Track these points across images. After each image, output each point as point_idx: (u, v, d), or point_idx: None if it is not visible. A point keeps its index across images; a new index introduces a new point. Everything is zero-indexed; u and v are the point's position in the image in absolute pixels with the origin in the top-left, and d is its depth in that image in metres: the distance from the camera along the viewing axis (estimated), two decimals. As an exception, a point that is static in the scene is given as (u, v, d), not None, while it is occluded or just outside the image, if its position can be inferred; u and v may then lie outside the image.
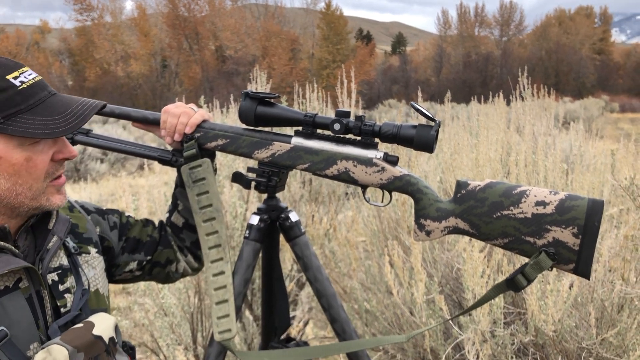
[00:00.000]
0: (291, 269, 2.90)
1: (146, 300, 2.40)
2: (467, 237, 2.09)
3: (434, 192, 1.21)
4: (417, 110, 1.14)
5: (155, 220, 1.37)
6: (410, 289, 2.16)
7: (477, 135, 3.46)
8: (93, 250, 1.14)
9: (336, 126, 1.22)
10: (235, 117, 3.16)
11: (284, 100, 3.30)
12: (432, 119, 1.15)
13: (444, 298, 1.95)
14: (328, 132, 1.26)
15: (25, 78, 0.93)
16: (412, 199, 1.22)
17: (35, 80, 0.95)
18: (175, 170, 1.35)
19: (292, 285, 2.89)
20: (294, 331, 2.88)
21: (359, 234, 2.83)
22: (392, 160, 1.23)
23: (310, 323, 3.16)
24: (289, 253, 2.76)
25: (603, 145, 4.61)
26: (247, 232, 1.45)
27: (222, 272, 1.28)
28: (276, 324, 1.56)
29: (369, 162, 1.22)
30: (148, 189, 4.28)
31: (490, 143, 2.85)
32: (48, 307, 0.97)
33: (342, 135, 1.25)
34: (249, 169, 1.34)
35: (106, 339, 0.96)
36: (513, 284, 1.14)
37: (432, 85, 48.44)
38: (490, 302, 1.91)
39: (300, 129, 1.27)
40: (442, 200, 1.20)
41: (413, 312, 2.19)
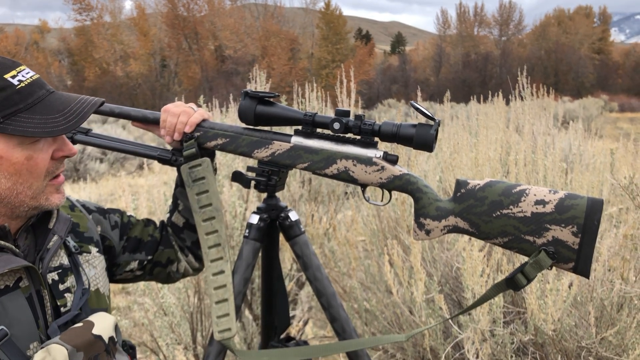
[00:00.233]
0: (291, 268, 2.90)
1: (146, 300, 2.40)
2: (467, 236, 2.09)
3: (433, 191, 1.21)
4: (417, 109, 1.14)
5: (155, 221, 1.37)
6: (409, 288, 2.16)
7: (477, 134, 3.47)
8: (94, 249, 1.14)
9: (336, 125, 1.22)
10: (234, 117, 3.16)
11: (283, 100, 3.30)
12: (432, 118, 1.15)
13: (443, 297, 1.95)
14: (328, 132, 1.26)
15: (23, 77, 0.93)
16: (412, 198, 1.22)
17: (33, 78, 0.95)
18: (175, 170, 1.35)
19: (292, 285, 2.89)
20: (293, 330, 2.88)
21: (359, 234, 2.83)
22: (392, 160, 1.23)
23: (310, 322, 3.16)
24: (288, 252, 2.76)
25: (602, 145, 4.61)
26: (247, 231, 1.45)
27: (222, 271, 1.28)
28: (276, 323, 1.56)
29: (368, 161, 1.22)
30: (147, 188, 4.28)
31: (490, 142, 2.85)
32: (48, 307, 0.97)
33: (342, 135, 1.25)
34: (249, 168, 1.34)
35: (106, 338, 0.96)
36: (513, 283, 1.14)
37: (432, 84, 48.42)
38: (490, 302, 1.91)
39: (300, 128, 1.28)
40: (442, 199, 1.20)
41: (413, 312, 2.19)
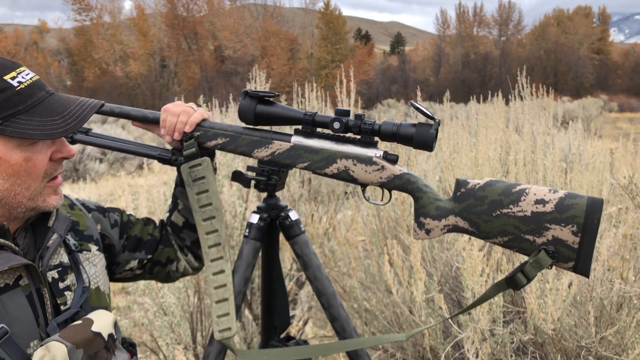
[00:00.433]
0: (291, 268, 2.90)
1: (145, 300, 2.40)
2: (467, 236, 2.09)
3: (433, 191, 1.21)
4: (417, 108, 1.14)
5: (155, 220, 1.37)
6: (409, 287, 2.16)
7: (476, 134, 3.47)
8: (94, 247, 1.14)
9: (336, 125, 1.22)
10: (234, 117, 3.16)
11: (283, 100, 3.30)
12: (432, 118, 1.15)
13: (443, 297, 1.95)
14: (328, 131, 1.26)
15: (23, 78, 0.93)
16: (412, 198, 1.22)
17: (33, 80, 0.94)
18: (175, 170, 1.35)
19: (292, 284, 2.89)
20: (293, 330, 2.88)
21: (359, 233, 2.83)
22: (392, 159, 1.23)
23: (309, 322, 3.16)
24: (288, 252, 2.76)
25: (602, 145, 4.62)
26: (247, 231, 1.45)
27: (222, 271, 1.28)
28: (276, 323, 1.56)
29: (368, 161, 1.22)
30: (147, 188, 4.27)
31: (489, 142, 2.85)
32: (48, 305, 0.97)
33: (342, 134, 1.25)
34: (249, 168, 1.34)
35: (105, 336, 0.97)
36: (513, 282, 1.14)
37: (431, 85, 48.41)
38: (490, 301, 1.91)
39: (300, 127, 1.28)
40: (442, 198, 1.20)
41: (412, 311, 2.19)
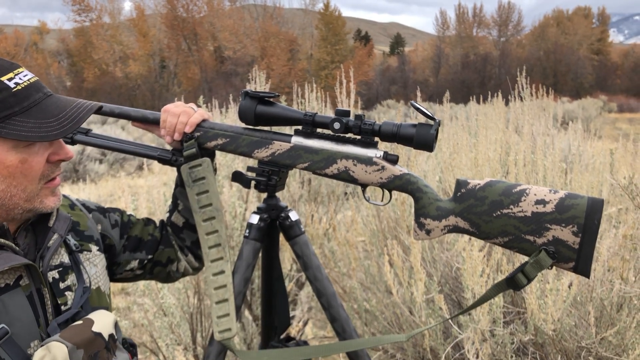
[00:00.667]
0: (291, 268, 2.90)
1: (145, 301, 2.40)
2: (467, 236, 2.09)
3: (433, 191, 1.21)
4: (417, 109, 1.14)
5: (155, 220, 1.37)
6: (409, 288, 2.16)
7: (476, 135, 3.47)
8: (94, 247, 1.14)
9: (336, 125, 1.22)
10: (234, 118, 3.16)
11: (283, 101, 3.30)
12: (432, 118, 1.15)
13: (443, 297, 1.95)
14: (328, 131, 1.26)
15: (20, 79, 0.93)
16: (412, 198, 1.22)
17: (30, 81, 0.94)
18: (175, 171, 1.35)
19: (292, 285, 2.89)
20: (293, 331, 2.88)
21: (359, 234, 2.83)
22: (392, 159, 1.23)
23: (309, 323, 3.16)
24: (288, 253, 2.76)
25: (601, 145, 4.62)
26: (247, 232, 1.45)
27: (222, 272, 1.28)
28: (276, 324, 1.56)
29: (368, 161, 1.22)
30: (147, 189, 4.28)
31: (489, 143, 2.85)
32: (49, 305, 0.97)
33: (342, 134, 1.25)
34: (249, 168, 1.34)
35: (106, 336, 0.97)
36: (513, 282, 1.14)
37: (431, 85, 48.40)
38: (490, 302, 1.91)
39: (300, 128, 1.28)
40: (442, 199, 1.20)
41: (412, 312, 2.19)
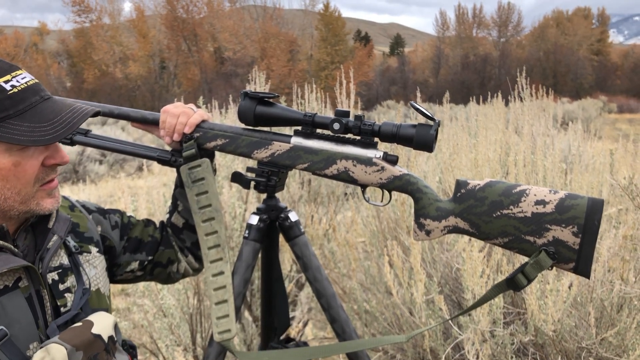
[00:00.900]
0: (290, 269, 2.90)
1: (145, 302, 2.40)
2: (467, 237, 2.09)
3: (433, 192, 1.20)
4: (417, 109, 1.14)
5: (155, 221, 1.37)
6: (409, 289, 2.16)
7: (476, 135, 3.47)
8: (94, 249, 1.14)
9: (336, 126, 1.22)
10: (234, 118, 3.15)
11: (282, 101, 3.30)
12: (432, 118, 1.15)
13: (443, 298, 1.95)
14: (327, 132, 1.26)
15: (17, 82, 0.92)
16: (412, 199, 1.22)
17: (28, 84, 0.94)
18: (174, 172, 1.34)
19: (292, 286, 2.89)
20: (293, 332, 2.88)
21: (358, 235, 2.82)
22: (392, 160, 1.22)
23: (309, 323, 3.15)
24: (288, 253, 2.76)
25: (601, 146, 4.62)
26: (247, 232, 1.45)
27: (222, 273, 1.27)
28: (275, 325, 1.56)
29: (368, 162, 1.22)
30: (147, 190, 4.28)
31: (489, 143, 2.85)
32: (48, 307, 0.97)
33: (342, 135, 1.25)
34: (248, 169, 1.34)
35: (105, 338, 0.96)
36: (513, 283, 1.14)
37: (431, 86, 48.41)
38: (490, 302, 1.91)
39: (299, 128, 1.27)
40: (442, 199, 1.20)
41: (412, 312, 2.18)
